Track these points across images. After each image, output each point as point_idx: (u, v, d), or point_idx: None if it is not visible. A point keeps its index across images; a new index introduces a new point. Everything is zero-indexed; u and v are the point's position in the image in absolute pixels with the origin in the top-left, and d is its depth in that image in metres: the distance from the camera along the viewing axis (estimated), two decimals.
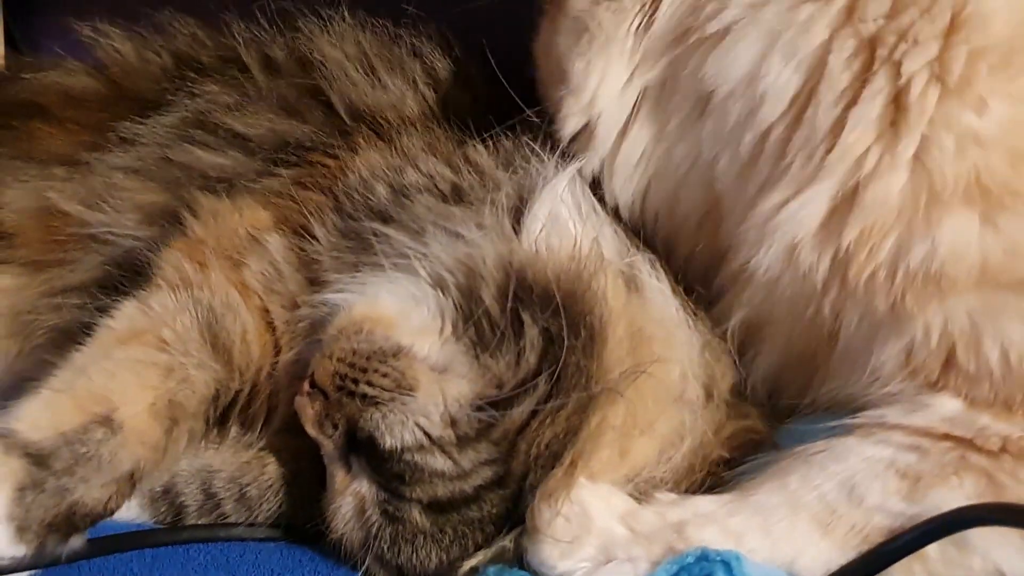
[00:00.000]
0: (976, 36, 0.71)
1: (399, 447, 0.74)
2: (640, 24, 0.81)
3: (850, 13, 0.73)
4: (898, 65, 0.72)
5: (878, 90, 0.73)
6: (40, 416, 0.77)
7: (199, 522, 0.85)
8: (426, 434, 0.75)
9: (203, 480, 0.86)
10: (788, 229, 0.75)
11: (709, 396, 0.81)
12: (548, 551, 0.74)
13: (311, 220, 0.89)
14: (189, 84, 1.05)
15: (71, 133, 1.06)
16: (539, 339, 0.75)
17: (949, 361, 0.73)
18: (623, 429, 0.76)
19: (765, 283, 0.79)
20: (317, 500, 0.82)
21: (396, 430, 0.75)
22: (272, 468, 0.86)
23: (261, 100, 1.02)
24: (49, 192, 1.00)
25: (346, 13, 1.07)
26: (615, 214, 0.87)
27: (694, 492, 0.79)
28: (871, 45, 0.73)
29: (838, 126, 0.74)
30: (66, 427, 0.76)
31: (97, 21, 1.16)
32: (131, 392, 0.79)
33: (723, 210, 0.81)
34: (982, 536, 0.69)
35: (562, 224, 0.82)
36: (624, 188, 0.87)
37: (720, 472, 0.80)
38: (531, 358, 0.74)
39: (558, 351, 0.74)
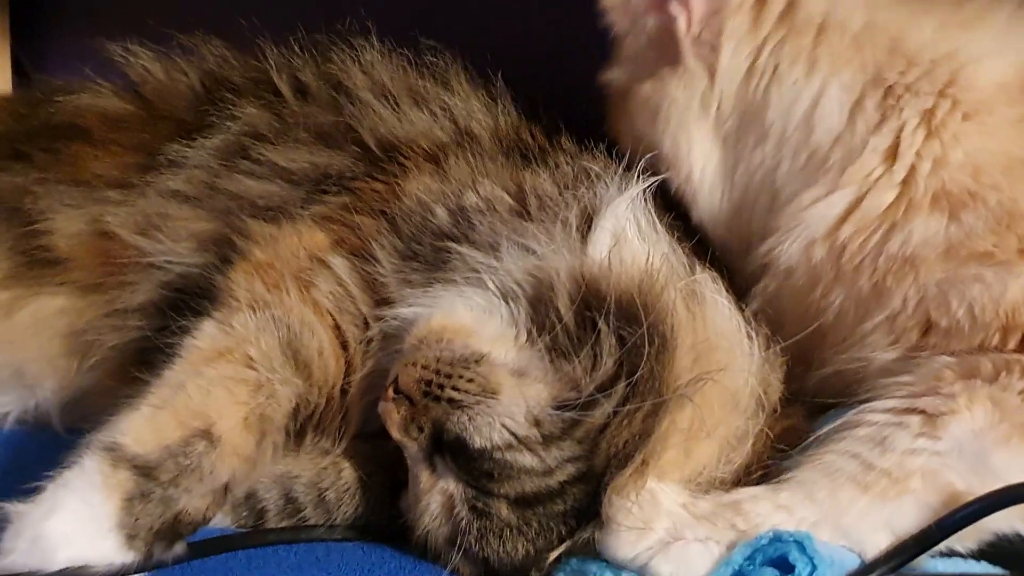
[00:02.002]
0: (961, 92, 0.88)
1: (488, 447, 0.79)
2: (710, 90, 0.95)
3: (878, 74, 0.90)
4: (901, 110, 0.89)
5: (891, 129, 0.89)
6: (143, 430, 0.81)
7: (280, 525, 0.89)
8: (512, 434, 0.79)
9: (283, 486, 0.89)
10: (811, 224, 0.90)
11: (764, 403, 0.86)
12: (622, 538, 0.80)
13: (370, 243, 0.93)
14: (230, 107, 1.07)
15: (115, 155, 1.08)
16: (616, 346, 0.80)
17: (927, 324, 0.87)
18: (689, 432, 0.81)
19: (783, 272, 0.92)
20: (391, 500, 0.88)
21: (485, 431, 0.79)
22: (348, 472, 0.90)
23: (298, 127, 1.05)
24: (105, 216, 1.02)
25: (376, 41, 1.11)
26: (682, 232, 0.94)
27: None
28: (888, 94, 0.90)
29: (863, 148, 0.89)
30: (169, 440, 0.80)
31: (104, 41, 1.18)
32: (226, 407, 0.83)
33: (779, 201, 0.94)
34: (1004, 461, 0.80)
35: (631, 241, 0.87)
36: (707, 201, 0.98)
37: (768, 468, 0.85)
38: (608, 363, 0.79)
39: (635, 358, 0.79)
